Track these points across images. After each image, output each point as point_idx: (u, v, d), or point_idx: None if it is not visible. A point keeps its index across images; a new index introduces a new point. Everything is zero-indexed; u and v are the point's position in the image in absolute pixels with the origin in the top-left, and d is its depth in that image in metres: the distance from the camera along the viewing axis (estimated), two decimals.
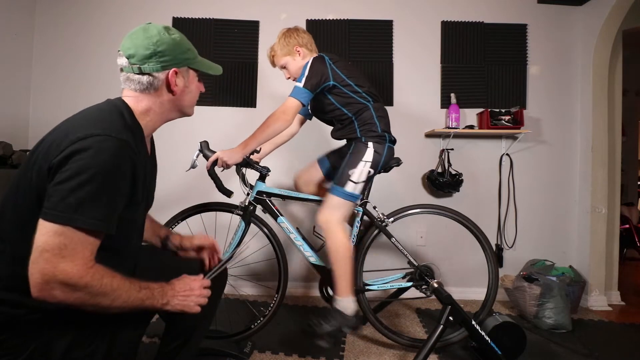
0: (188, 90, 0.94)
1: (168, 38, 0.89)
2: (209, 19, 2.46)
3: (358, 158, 1.54)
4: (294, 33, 1.63)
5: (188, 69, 0.93)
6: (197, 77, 0.97)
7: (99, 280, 0.72)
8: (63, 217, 0.68)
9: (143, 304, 0.81)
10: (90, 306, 0.73)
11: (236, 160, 1.45)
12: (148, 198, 0.97)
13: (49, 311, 0.78)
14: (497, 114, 2.29)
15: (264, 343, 1.66)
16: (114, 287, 0.74)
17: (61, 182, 0.69)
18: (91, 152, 0.71)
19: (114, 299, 0.75)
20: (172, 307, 0.87)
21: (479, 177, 2.43)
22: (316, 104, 1.63)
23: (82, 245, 0.71)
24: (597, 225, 2.32)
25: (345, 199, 1.52)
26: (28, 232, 0.71)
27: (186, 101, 0.96)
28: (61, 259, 0.68)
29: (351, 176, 1.52)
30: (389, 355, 1.63)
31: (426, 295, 1.59)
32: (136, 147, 0.80)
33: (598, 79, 2.32)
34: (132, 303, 0.78)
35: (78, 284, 0.69)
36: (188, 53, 0.93)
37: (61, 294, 0.69)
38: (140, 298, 0.80)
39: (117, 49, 0.91)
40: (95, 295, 0.72)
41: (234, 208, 1.65)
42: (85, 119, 0.80)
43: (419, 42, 2.46)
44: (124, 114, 0.85)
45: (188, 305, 0.89)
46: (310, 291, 2.38)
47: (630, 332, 1.94)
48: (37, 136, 2.41)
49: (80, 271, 0.69)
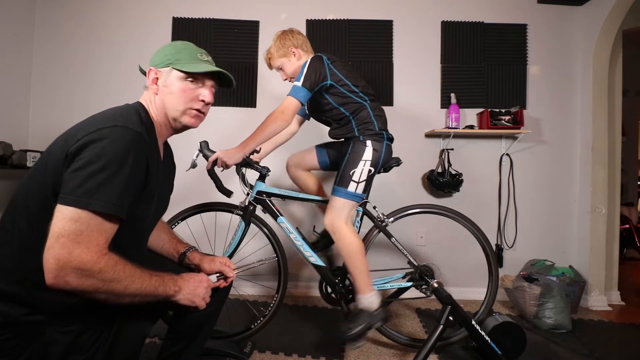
0: (168, 91, 0.92)
1: (167, 45, 0.96)
2: (209, 19, 2.46)
3: (358, 157, 1.54)
4: (289, 35, 1.64)
5: (171, 70, 0.92)
6: (183, 80, 0.92)
7: (112, 267, 0.73)
8: (80, 202, 0.70)
9: (156, 292, 0.81)
10: (103, 293, 0.73)
11: (236, 160, 1.45)
12: (159, 202, 0.97)
13: (51, 313, 0.78)
14: (497, 114, 2.29)
15: (264, 343, 1.66)
16: (126, 273, 0.75)
17: (78, 169, 0.72)
18: (107, 141, 0.74)
19: (127, 285, 0.75)
20: (182, 297, 0.87)
21: (479, 177, 2.43)
22: (313, 104, 1.63)
23: (98, 232, 0.72)
24: (597, 225, 2.32)
25: (348, 199, 1.52)
26: (39, 224, 0.73)
27: (168, 102, 0.93)
28: (76, 244, 0.69)
29: (352, 176, 1.52)
30: (389, 355, 1.63)
31: (426, 295, 1.59)
32: (150, 143, 0.84)
33: (598, 79, 2.32)
34: (145, 290, 0.79)
35: (92, 269, 0.70)
36: (175, 55, 0.93)
37: (75, 280, 0.69)
38: (152, 284, 0.80)
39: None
40: (109, 281, 0.72)
41: (234, 208, 1.65)
42: (103, 116, 0.84)
43: (419, 42, 2.46)
44: (140, 112, 0.90)
45: (198, 295, 0.90)
46: (310, 291, 2.38)
47: (630, 332, 1.94)
48: (37, 136, 2.44)
49: (94, 257, 0.70)
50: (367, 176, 1.54)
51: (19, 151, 2.03)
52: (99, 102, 2.45)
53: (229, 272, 1.06)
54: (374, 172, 1.57)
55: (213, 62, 0.99)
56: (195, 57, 0.94)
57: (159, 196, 0.95)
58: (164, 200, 1.04)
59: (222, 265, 1.08)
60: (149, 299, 0.81)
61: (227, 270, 1.06)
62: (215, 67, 0.95)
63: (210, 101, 0.97)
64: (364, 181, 1.53)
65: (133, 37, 2.44)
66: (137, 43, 2.44)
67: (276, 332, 1.77)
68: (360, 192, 1.54)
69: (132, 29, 2.45)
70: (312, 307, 2.18)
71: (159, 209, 1.01)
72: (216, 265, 1.08)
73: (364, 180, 1.53)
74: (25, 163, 2.03)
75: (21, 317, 0.76)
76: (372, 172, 1.55)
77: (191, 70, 0.91)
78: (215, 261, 1.09)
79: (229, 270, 1.06)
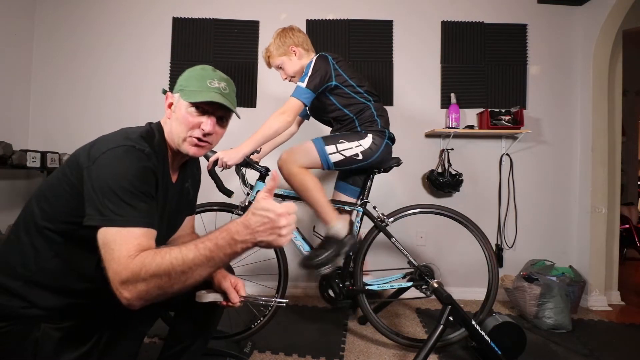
0: (175, 117, 0.91)
1: (188, 69, 0.96)
2: (209, 19, 2.46)
3: (355, 138, 1.53)
4: (290, 33, 1.62)
5: (180, 97, 0.91)
6: (188, 108, 0.89)
7: (151, 260, 0.68)
8: (103, 220, 0.72)
9: (223, 253, 0.69)
10: (168, 286, 0.68)
11: (236, 161, 1.45)
12: (169, 222, 0.98)
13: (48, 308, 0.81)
14: (497, 114, 2.29)
15: (264, 343, 1.66)
16: (172, 255, 0.68)
17: (91, 193, 0.75)
18: (115, 160, 0.77)
19: (183, 271, 0.68)
20: (261, 237, 0.69)
21: (479, 177, 2.43)
22: (316, 104, 1.62)
23: (124, 241, 0.71)
24: (597, 225, 2.32)
25: (318, 153, 1.50)
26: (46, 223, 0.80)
27: (174, 128, 0.91)
28: (110, 262, 0.69)
29: (339, 143, 1.50)
30: (389, 355, 1.63)
31: (426, 295, 1.59)
32: (157, 163, 0.85)
33: (598, 79, 2.32)
34: (203, 256, 0.69)
35: (128, 278, 0.67)
36: (186, 81, 0.92)
37: (128, 293, 0.68)
38: (205, 247, 0.69)
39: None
40: (160, 274, 0.67)
41: (234, 208, 1.65)
42: (118, 134, 0.85)
43: (419, 42, 2.46)
44: (155, 133, 0.92)
45: (276, 239, 0.70)
46: (310, 291, 2.38)
47: (630, 332, 1.94)
48: (37, 136, 2.44)
49: (121, 265, 0.68)
50: (350, 155, 1.50)
51: (19, 151, 2.03)
52: (98, 102, 2.47)
53: (233, 298, 0.96)
54: (360, 161, 1.53)
55: (227, 87, 0.94)
56: (203, 85, 0.90)
57: (169, 215, 0.96)
58: (175, 220, 1.05)
59: (231, 287, 0.98)
60: (212, 262, 0.69)
61: (232, 296, 0.96)
62: (218, 98, 0.89)
63: (210, 131, 0.91)
64: (342, 158, 1.50)
65: (133, 37, 2.44)
66: (137, 43, 2.44)
67: (276, 332, 1.77)
68: (332, 160, 1.50)
69: (132, 28, 2.45)
70: (312, 307, 2.18)
71: (169, 228, 1.02)
72: (226, 283, 0.99)
73: (344, 157, 1.50)
74: (25, 163, 2.03)
75: (19, 309, 0.79)
76: (358, 159, 1.52)
77: (189, 100, 0.89)
78: (227, 279, 0.99)
79: (234, 295, 0.96)
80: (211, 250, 0.69)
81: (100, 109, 2.42)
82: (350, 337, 1.78)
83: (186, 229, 1.14)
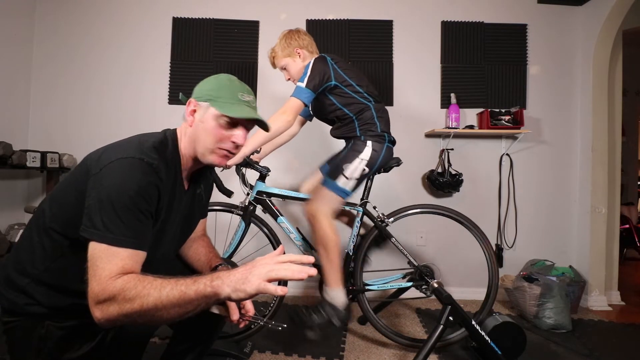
0: (202, 127, 0.89)
1: (211, 78, 0.94)
2: (209, 19, 2.46)
3: (355, 154, 1.53)
4: (295, 35, 1.63)
5: (209, 106, 0.89)
6: (219, 119, 0.88)
7: (133, 285, 0.67)
8: (94, 234, 0.72)
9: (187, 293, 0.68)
10: (138, 315, 0.67)
11: (236, 161, 1.45)
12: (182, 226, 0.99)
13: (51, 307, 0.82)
14: (497, 114, 2.29)
15: (264, 343, 1.66)
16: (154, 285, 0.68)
17: (90, 202, 0.75)
18: (120, 172, 0.76)
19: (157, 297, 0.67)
20: (228, 290, 0.67)
21: (479, 177, 2.43)
22: (317, 104, 1.63)
23: (109, 261, 0.71)
24: (597, 225, 2.32)
25: (335, 193, 1.51)
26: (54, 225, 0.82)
27: (200, 138, 0.89)
28: (92, 278, 0.70)
29: (344, 170, 1.51)
30: (389, 355, 1.63)
31: (426, 295, 1.59)
32: (164, 174, 0.82)
33: (598, 79, 2.32)
34: (178, 295, 0.67)
35: (105, 299, 0.67)
36: (216, 92, 0.90)
37: (99, 313, 0.68)
38: (184, 284, 0.68)
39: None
40: (131, 300, 0.67)
41: (234, 208, 1.65)
42: (132, 141, 0.84)
43: (419, 42, 2.46)
44: (168, 142, 0.90)
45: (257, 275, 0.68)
46: (310, 291, 2.38)
47: (630, 332, 1.94)
48: (37, 136, 2.44)
49: (101, 285, 0.68)
50: (359, 174, 1.52)
51: (19, 151, 2.03)
52: (98, 102, 2.47)
53: (233, 315, 0.91)
54: (368, 172, 1.56)
55: (254, 101, 0.95)
56: (235, 97, 0.89)
57: (182, 222, 0.96)
58: (189, 225, 1.05)
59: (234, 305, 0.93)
60: (189, 306, 0.68)
61: (233, 312, 0.91)
62: (254, 114, 0.90)
63: (242, 144, 0.92)
64: (355, 179, 1.52)
65: (133, 37, 2.44)
66: (137, 43, 2.44)
67: (276, 332, 1.77)
68: (348, 188, 1.52)
69: (132, 28, 2.45)
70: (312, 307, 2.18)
71: (182, 234, 1.02)
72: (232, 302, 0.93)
73: (356, 178, 1.52)
74: (25, 163, 2.03)
75: (24, 306, 0.81)
76: (366, 172, 1.54)
77: (228, 114, 0.87)
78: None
79: (234, 312, 0.91)
80: (185, 289, 0.68)
81: (100, 109, 2.42)
82: (350, 337, 1.78)
83: (198, 232, 1.15)
